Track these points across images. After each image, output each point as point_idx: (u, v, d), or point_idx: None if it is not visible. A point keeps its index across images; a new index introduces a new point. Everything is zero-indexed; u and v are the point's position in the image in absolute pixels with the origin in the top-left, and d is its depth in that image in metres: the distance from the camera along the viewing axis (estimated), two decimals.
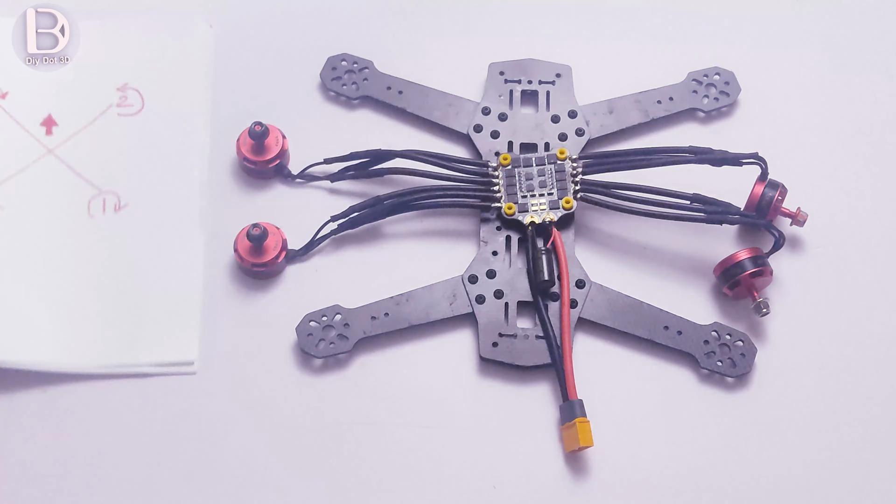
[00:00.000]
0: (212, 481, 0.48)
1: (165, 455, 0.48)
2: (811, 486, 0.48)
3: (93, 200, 0.54)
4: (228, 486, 0.48)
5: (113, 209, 0.53)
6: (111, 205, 0.54)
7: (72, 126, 0.55)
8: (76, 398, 0.49)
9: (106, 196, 0.54)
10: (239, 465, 0.48)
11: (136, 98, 0.56)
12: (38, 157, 0.55)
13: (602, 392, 0.50)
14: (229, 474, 0.48)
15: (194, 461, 0.48)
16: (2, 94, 0.56)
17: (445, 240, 0.54)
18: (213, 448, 0.48)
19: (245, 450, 0.48)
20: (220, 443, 0.49)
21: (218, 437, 0.49)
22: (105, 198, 0.54)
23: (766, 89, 0.58)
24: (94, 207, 0.53)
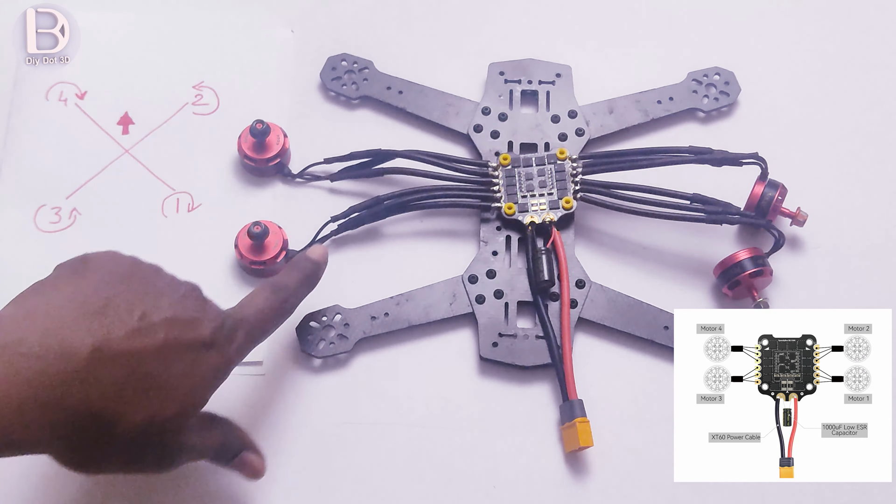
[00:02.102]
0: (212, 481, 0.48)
1: None
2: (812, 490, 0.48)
3: (167, 200, 0.54)
4: (228, 485, 0.48)
5: (186, 209, 0.54)
6: (185, 205, 0.54)
7: (148, 125, 0.56)
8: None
9: (180, 196, 0.54)
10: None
11: (212, 97, 0.56)
12: (116, 157, 0.55)
13: (602, 392, 0.50)
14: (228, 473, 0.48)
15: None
16: (80, 94, 0.56)
17: (445, 240, 0.54)
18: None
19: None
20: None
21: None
22: (179, 197, 0.54)
23: (766, 89, 0.58)
24: (168, 207, 0.54)
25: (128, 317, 0.37)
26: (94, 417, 0.35)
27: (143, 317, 0.37)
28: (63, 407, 0.34)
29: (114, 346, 0.36)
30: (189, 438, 0.40)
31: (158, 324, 0.37)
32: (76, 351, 0.35)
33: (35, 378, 0.34)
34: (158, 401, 0.37)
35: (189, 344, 0.38)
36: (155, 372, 0.37)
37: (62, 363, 0.35)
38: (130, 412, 0.36)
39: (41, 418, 0.34)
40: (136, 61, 0.58)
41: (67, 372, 0.35)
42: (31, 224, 0.53)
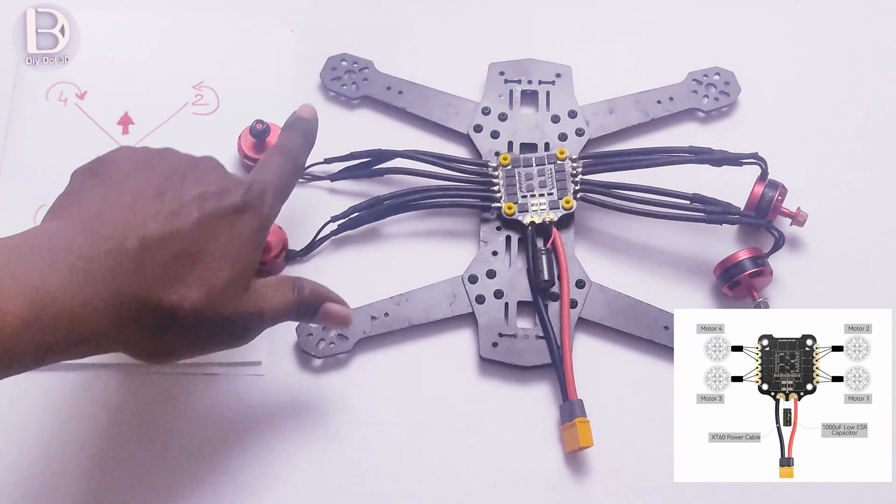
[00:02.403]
0: (211, 481, 0.48)
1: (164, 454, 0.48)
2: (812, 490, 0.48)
3: None
4: (228, 485, 0.48)
5: None
6: None
7: (148, 125, 0.56)
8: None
9: None
10: (238, 464, 0.48)
11: (212, 97, 0.56)
12: None
13: (602, 392, 0.50)
14: (228, 474, 0.48)
15: (193, 461, 0.48)
16: (80, 94, 0.56)
17: (445, 240, 0.54)
18: (212, 447, 0.48)
19: (244, 449, 0.48)
20: (219, 442, 0.49)
21: (217, 437, 0.49)
22: None
23: (766, 89, 0.58)
24: None
25: (159, 203, 0.38)
26: (153, 304, 0.36)
27: (174, 199, 0.38)
28: (122, 300, 0.36)
29: (154, 232, 0.37)
30: (255, 304, 0.40)
31: (189, 202, 0.39)
32: (125, 244, 0.36)
33: (91, 278, 0.35)
34: (209, 273, 0.38)
35: (223, 213, 0.39)
36: (198, 247, 0.38)
37: (114, 259, 0.36)
38: (186, 291, 0.37)
39: (105, 314, 0.35)
40: (136, 61, 0.58)
41: (120, 267, 0.36)
42: (31, 224, 0.53)
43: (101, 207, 0.38)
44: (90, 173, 0.40)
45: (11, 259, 0.34)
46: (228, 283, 0.39)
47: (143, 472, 0.48)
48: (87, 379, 0.49)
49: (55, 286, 0.34)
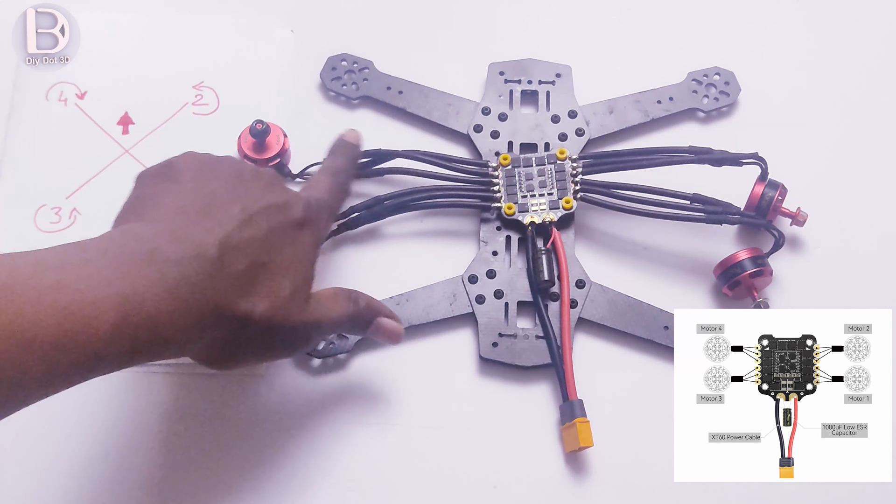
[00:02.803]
0: (211, 480, 0.48)
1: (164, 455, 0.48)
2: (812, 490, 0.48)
3: None
4: (228, 485, 0.48)
5: None
6: None
7: (148, 125, 0.56)
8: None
9: None
10: (238, 464, 0.48)
11: (212, 97, 0.56)
12: (116, 157, 0.55)
13: (602, 392, 0.50)
14: (228, 474, 0.48)
15: (193, 461, 0.48)
16: (80, 94, 0.56)
17: (445, 240, 0.54)
18: (212, 447, 0.48)
19: (244, 449, 0.48)
20: (219, 442, 0.49)
21: (217, 437, 0.49)
22: None
23: (766, 89, 0.58)
24: None
25: (232, 211, 0.39)
26: (231, 312, 0.37)
27: (244, 209, 0.39)
28: (202, 307, 0.36)
29: (234, 240, 0.38)
30: (315, 314, 0.41)
31: (258, 213, 0.39)
32: (206, 251, 0.37)
33: (178, 283, 0.35)
34: (276, 284, 0.39)
35: (287, 226, 0.40)
36: (266, 259, 0.39)
37: (197, 265, 0.36)
38: (256, 300, 0.38)
39: (186, 320, 0.36)
40: (136, 61, 0.58)
41: (202, 273, 0.36)
42: (31, 224, 0.53)
43: (178, 211, 0.38)
44: (161, 177, 0.40)
45: (102, 262, 0.34)
46: (293, 293, 0.39)
47: (142, 471, 0.48)
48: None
49: (143, 291, 0.34)
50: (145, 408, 0.49)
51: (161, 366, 0.50)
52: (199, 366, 0.49)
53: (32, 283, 0.32)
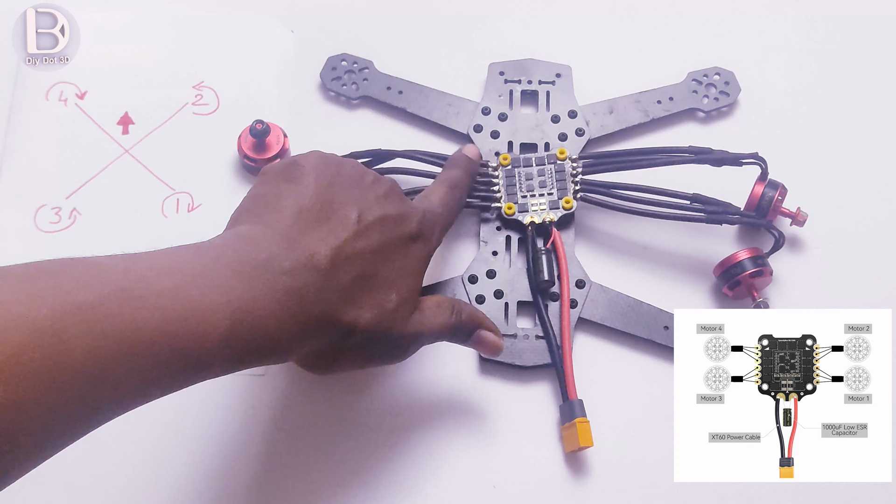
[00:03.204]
0: (210, 480, 0.48)
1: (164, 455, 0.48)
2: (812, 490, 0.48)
3: (167, 200, 0.54)
4: (228, 485, 0.48)
5: (186, 209, 0.54)
6: (185, 205, 0.54)
7: (148, 125, 0.56)
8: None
9: (180, 196, 0.54)
10: (238, 464, 0.48)
11: (212, 97, 0.56)
12: (116, 157, 0.55)
13: (602, 392, 0.50)
14: (228, 474, 0.48)
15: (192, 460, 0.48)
16: (80, 94, 0.56)
17: (445, 240, 0.54)
18: (212, 447, 0.48)
19: (244, 450, 0.48)
20: (219, 442, 0.49)
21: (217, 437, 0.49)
22: (179, 198, 0.54)
23: (766, 89, 0.58)
24: (168, 207, 0.54)
25: (347, 220, 0.39)
26: (336, 322, 0.38)
27: (360, 219, 0.39)
28: (308, 317, 0.36)
29: (346, 250, 0.38)
30: (418, 326, 0.42)
31: (373, 223, 0.40)
32: (318, 261, 0.37)
33: (287, 293, 0.36)
34: (382, 296, 0.39)
35: (400, 239, 0.41)
36: (375, 270, 0.39)
37: (307, 275, 0.37)
38: (361, 312, 0.38)
39: (293, 329, 0.36)
40: (136, 61, 0.58)
41: (312, 284, 0.37)
42: (31, 224, 0.53)
43: (295, 217, 0.39)
44: (283, 176, 0.41)
45: (217, 269, 0.35)
46: (398, 306, 0.40)
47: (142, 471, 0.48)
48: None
49: (254, 300, 0.35)
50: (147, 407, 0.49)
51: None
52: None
53: (148, 287, 0.32)
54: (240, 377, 0.50)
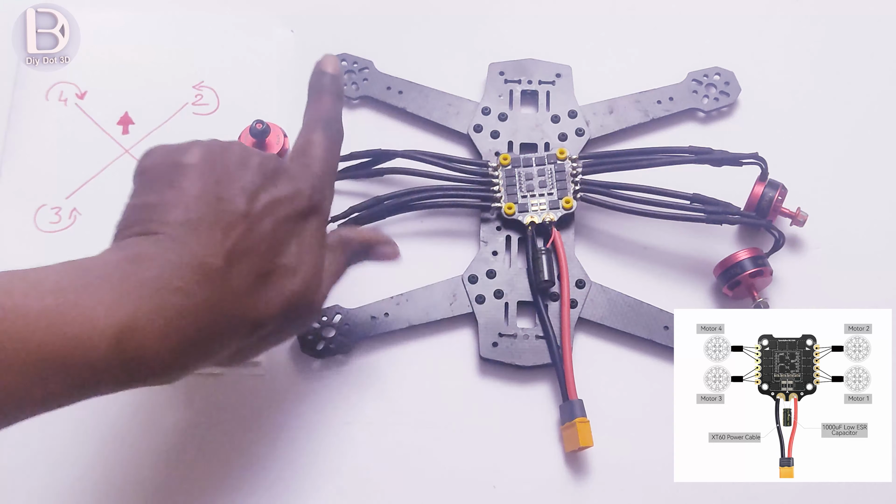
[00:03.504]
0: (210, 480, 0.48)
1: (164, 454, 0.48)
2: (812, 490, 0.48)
3: None
4: (228, 485, 0.48)
5: None
6: None
7: (148, 125, 0.56)
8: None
9: None
10: (238, 464, 0.48)
11: (212, 97, 0.56)
12: (116, 157, 0.55)
13: (602, 392, 0.50)
14: (229, 474, 0.48)
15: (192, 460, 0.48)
16: (80, 94, 0.56)
17: (445, 240, 0.54)
18: (212, 447, 0.48)
19: (244, 449, 0.48)
20: (219, 442, 0.49)
21: (217, 437, 0.49)
22: None
23: (766, 89, 0.58)
24: None
25: (237, 216, 0.37)
26: (245, 322, 0.37)
27: (250, 211, 0.38)
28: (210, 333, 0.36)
29: (239, 248, 0.37)
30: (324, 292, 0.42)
31: (264, 210, 0.38)
32: (212, 269, 0.36)
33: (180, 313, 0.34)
34: (287, 282, 0.38)
35: (294, 219, 0.39)
36: (274, 260, 0.38)
37: (201, 289, 0.35)
38: (270, 304, 0.38)
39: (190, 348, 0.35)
40: (136, 61, 0.58)
41: (207, 297, 0.35)
42: (31, 224, 0.53)
43: (184, 226, 0.37)
44: (167, 182, 0.38)
45: (103, 289, 0.34)
46: (305, 288, 0.39)
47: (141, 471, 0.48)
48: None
49: (140, 319, 0.33)
50: (145, 408, 0.49)
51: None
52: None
53: (29, 305, 0.32)
54: (239, 377, 0.50)
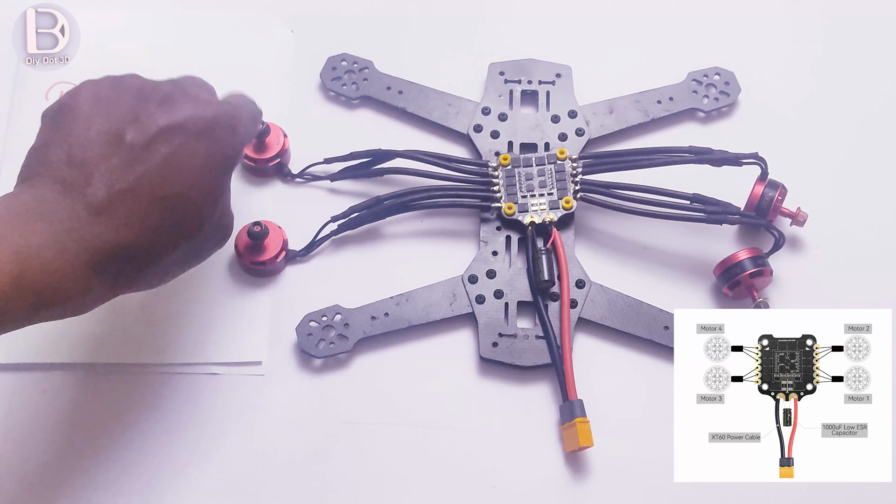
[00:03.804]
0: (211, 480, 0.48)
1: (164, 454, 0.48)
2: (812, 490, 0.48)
3: None
4: (227, 485, 0.48)
5: None
6: None
7: None
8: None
9: None
10: (238, 464, 0.48)
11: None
12: None
13: (602, 392, 0.50)
14: (228, 473, 0.48)
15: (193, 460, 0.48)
16: None
17: (445, 240, 0.54)
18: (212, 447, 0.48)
19: (244, 449, 0.48)
20: (219, 442, 0.49)
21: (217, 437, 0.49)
22: None
23: (766, 89, 0.58)
24: None
25: (122, 148, 0.38)
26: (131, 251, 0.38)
27: (137, 140, 0.38)
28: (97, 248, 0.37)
29: (123, 182, 0.38)
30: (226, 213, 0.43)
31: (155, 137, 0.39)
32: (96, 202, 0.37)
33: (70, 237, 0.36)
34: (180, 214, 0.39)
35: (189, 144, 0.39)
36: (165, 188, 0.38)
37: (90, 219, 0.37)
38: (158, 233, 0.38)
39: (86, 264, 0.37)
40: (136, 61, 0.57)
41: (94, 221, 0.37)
42: None
43: (67, 164, 0.38)
44: (56, 125, 0.40)
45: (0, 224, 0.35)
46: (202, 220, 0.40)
47: (142, 471, 0.48)
48: (87, 379, 0.49)
49: (38, 245, 0.35)
50: (146, 408, 0.49)
51: (162, 365, 0.50)
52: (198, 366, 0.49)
53: None
54: (240, 377, 0.50)
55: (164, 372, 0.50)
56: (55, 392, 0.49)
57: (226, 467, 0.48)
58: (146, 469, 0.48)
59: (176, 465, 0.48)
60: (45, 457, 0.48)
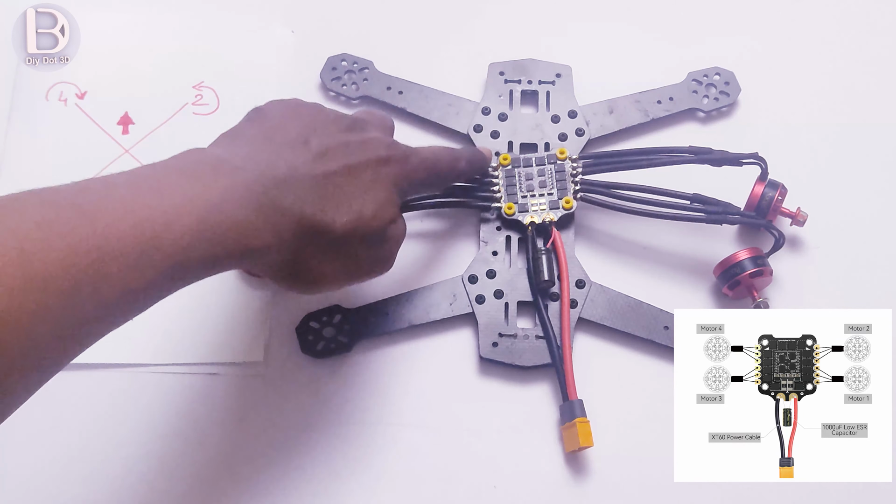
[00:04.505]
0: (211, 480, 0.48)
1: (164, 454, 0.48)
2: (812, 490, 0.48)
3: None
4: (228, 485, 0.48)
5: None
6: None
7: (148, 125, 0.56)
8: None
9: None
10: (238, 464, 0.48)
11: (212, 97, 0.56)
12: (115, 157, 0.55)
13: (602, 392, 0.50)
14: (228, 473, 0.48)
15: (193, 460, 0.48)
16: (80, 94, 0.56)
17: (445, 240, 0.54)
18: (212, 447, 0.48)
19: (244, 449, 0.48)
20: (219, 442, 0.49)
21: (217, 437, 0.49)
22: None
23: (766, 89, 0.58)
24: None
25: (304, 148, 0.40)
26: (309, 220, 0.39)
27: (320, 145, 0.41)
28: (280, 209, 0.38)
29: (302, 170, 0.39)
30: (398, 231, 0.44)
31: (336, 148, 0.41)
32: (275, 167, 0.38)
33: (249, 190, 0.37)
34: (356, 206, 0.40)
35: (368, 162, 0.42)
36: (342, 188, 0.40)
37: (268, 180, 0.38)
38: (337, 217, 0.40)
39: (265, 221, 0.37)
40: (136, 61, 0.58)
41: (275, 179, 0.38)
42: None
43: (254, 140, 0.40)
44: (247, 118, 0.42)
45: (173, 176, 0.36)
46: (371, 217, 0.41)
47: (142, 471, 0.48)
48: (87, 379, 0.49)
49: (218, 195, 0.36)
50: (146, 407, 0.49)
51: (162, 366, 0.50)
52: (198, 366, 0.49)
53: (105, 200, 0.33)
54: (240, 377, 0.50)
55: (164, 372, 0.50)
56: (54, 392, 0.49)
57: (225, 467, 0.48)
58: (146, 469, 0.48)
59: (175, 466, 0.48)
60: (44, 457, 0.48)
